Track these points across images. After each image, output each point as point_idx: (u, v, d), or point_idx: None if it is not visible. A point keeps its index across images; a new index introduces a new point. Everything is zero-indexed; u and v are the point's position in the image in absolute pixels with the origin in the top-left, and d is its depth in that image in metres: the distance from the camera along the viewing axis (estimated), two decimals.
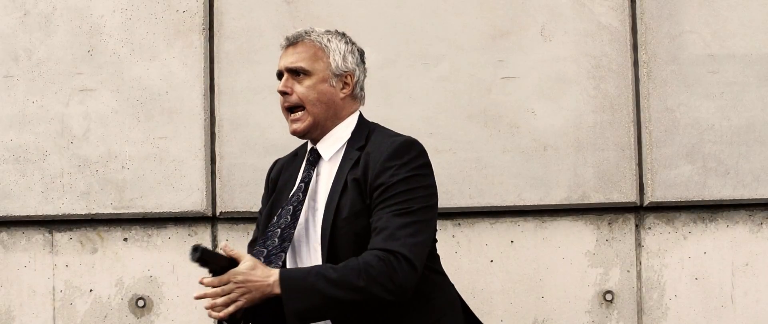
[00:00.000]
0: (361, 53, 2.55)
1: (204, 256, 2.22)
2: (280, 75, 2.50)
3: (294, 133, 2.49)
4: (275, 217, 2.46)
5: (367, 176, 2.37)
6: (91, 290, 3.82)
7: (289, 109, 2.48)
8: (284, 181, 2.57)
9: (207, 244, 3.81)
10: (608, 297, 3.83)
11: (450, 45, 3.83)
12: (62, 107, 3.81)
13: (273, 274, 2.25)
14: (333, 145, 2.48)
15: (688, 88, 3.85)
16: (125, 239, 3.83)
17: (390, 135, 2.47)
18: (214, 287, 2.26)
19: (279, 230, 2.42)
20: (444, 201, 2.94)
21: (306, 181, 2.47)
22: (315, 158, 2.50)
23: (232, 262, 2.28)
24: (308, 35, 2.49)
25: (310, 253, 2.44)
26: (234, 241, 3.81)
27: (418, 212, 2.34)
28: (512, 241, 3.85)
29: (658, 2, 3.86)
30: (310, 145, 2.54)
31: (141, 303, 3.81)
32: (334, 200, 2.38)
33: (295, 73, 2.46)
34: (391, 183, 2.34)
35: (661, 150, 3.83)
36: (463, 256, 3.83)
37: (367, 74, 2.56)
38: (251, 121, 3.81)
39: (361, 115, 2.54)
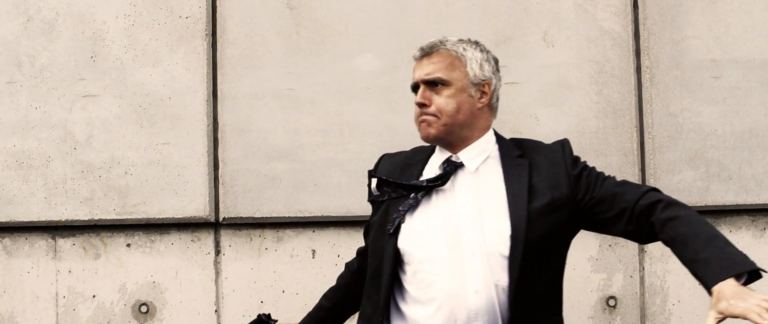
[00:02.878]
0: (496, 61, 2.46)
1: None
2: (415, 87, 2.41)
3: (426, 138, 2.40)
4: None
5: (558, 170, 2.37)
6: (94, 296, 3.82)
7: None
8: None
9: (210, 249, 3.81)
10: (611, 302, 3.83)
11: None
12: (65, 113, 3.81)
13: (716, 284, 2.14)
14: (478, 156, 2.40)
15: (691, 94, 3.85)
16: (128, 245, 3.83)
17: (539, 141, 2.49)
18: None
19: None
20: None
21: (439, 181, 2.37)
22: (454, 167, 2.39)
23: None
24: (443, 45, 2.40)
25: (482, 261, 2.31)
26: (237, 247, 3.81)
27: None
28: None
29: (661, 8, 3.86)
30: (441, 153, 2.44)
31: (144, 309, 3.80)
32: (519, 204, 2.30)
33: (433, 84, 2.37)
34: (585, 165, 2.42)
35: (664, 155, 3.83)
36: None
37: (501, 83, 2.50)
38: (254, 127, 3.81)
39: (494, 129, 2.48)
